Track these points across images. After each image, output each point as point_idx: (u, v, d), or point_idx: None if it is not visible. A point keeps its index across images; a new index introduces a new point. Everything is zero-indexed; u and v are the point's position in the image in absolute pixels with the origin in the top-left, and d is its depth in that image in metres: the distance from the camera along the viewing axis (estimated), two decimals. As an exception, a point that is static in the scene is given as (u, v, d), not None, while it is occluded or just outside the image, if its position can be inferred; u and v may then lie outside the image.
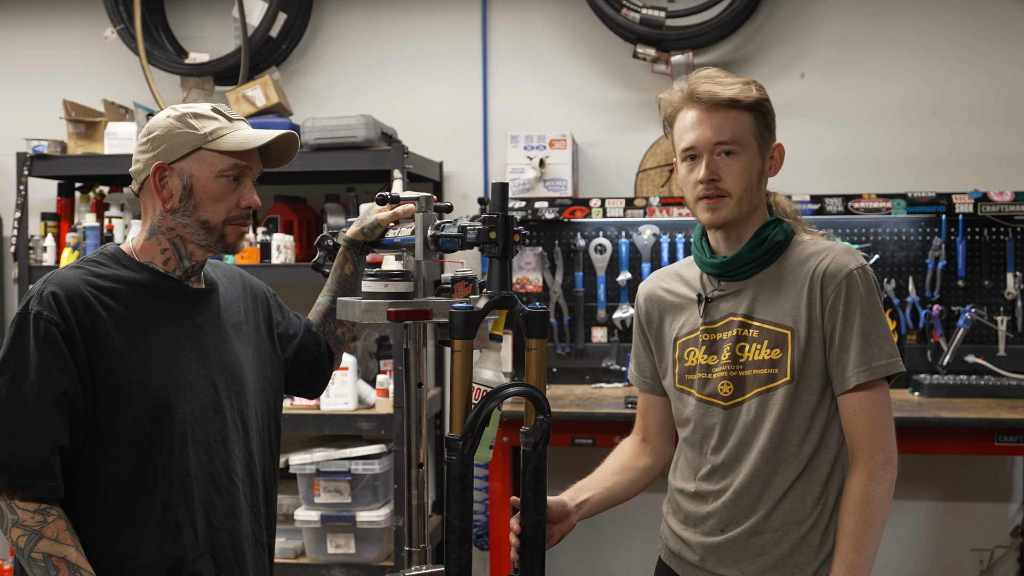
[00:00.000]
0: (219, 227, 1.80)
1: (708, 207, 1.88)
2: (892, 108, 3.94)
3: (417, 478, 1.79)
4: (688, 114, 1.90)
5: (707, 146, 1.87)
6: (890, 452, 1.86)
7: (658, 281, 2.09)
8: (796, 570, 1.87)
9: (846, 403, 1.86)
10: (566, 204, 3.82)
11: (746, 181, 1.88)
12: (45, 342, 1.66)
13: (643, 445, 2.14)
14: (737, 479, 1.90)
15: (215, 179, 1.79)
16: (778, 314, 1.89)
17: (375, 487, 3.60)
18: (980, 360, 3.70)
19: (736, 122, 1.87)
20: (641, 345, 2.11)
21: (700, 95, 1.87)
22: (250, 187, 1.84)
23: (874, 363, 1.85)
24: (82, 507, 1.70)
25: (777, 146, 1.94)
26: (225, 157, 1.78)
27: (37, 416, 1.64)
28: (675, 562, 2.03)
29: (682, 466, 2.03)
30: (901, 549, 3.93)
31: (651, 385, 2.10)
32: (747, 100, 1.87)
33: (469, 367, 1.57)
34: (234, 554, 1.80)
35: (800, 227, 1.97)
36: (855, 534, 1.81)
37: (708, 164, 1.86)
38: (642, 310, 2.09)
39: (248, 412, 1.87)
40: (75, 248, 3.81)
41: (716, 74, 1.91)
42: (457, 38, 4.18)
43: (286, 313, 2.08)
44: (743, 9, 3.86)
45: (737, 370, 1.90)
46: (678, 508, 2.02)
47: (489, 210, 1.57)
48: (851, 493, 1.84)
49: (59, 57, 4.39)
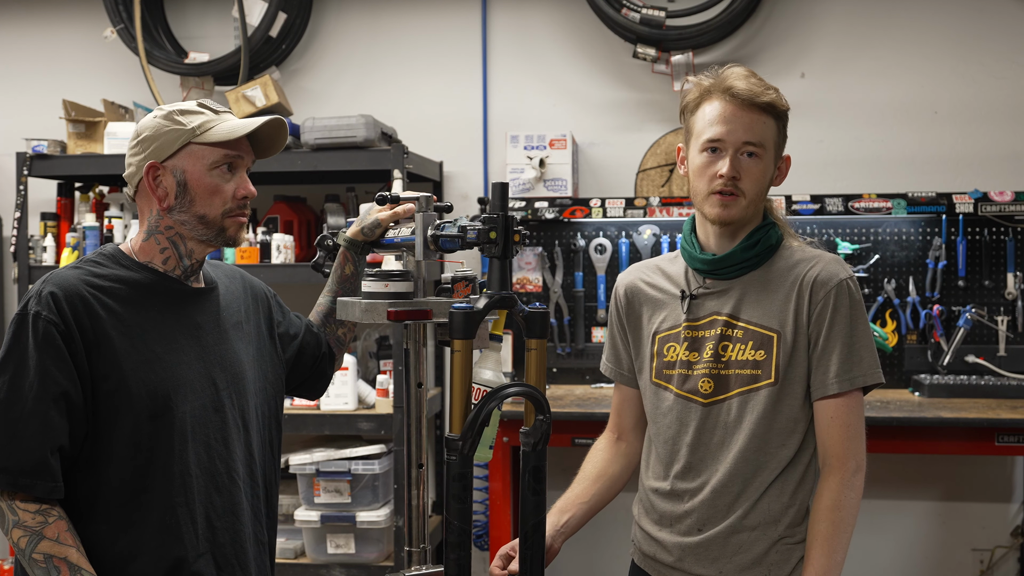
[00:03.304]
0: (218, 220, 1.80)
1: (721, 202, 1.88)
2: (892, 108, 3.93)
3: (417, 478, 1.78)
4: (718, 105, 1.88)
5: (736, 143, 1.87)
6: (861, 460, 1.88)
7: (639, 274, 2.08)
8: (773, 568, 1.89)
9: (822, 409, 1.88)
10: (566, 204, 3.82)
11: (761, 185, 1.90)
12: (44, 342, 1.65)
13: (618, 445, 2.13)
14: (715, 477, 1.91)
15: (208, 172, 1.78)
16: (764, 316, 1.90)
17: (375, 487, 3.60)
18: (980, 360, 3.70)
19: (765, 126, 1.88)
20: (618, 337, 2.10)
21: (739, 92, 1.87)
22: (244, 177, 1.82)
23: (854, 373, 1.87)
24: (82, 507, 1.70)
25: (786, 158, 1.96)
26: (216, 149, 1.78)
27: (36, 416, 1.63)
28: (650, 565, 2.02)
29: (654, 464, 2.02)
30: (901, 549, 3.93)
31: (627, 378, 2.10)
32: (780, 108, 1.89)
33: (469, 367, 1.57)
34: (235, 553, 1.80)
35: (787, 232, 2.00)
36: (826, 539, 1.83)
37: (733, 161, 1.86)
38: (621, 302, 2.08)
39: (249, 411, 1.87)
40: (75, 248, 3.81)
41: (751, 74, 1.91)
42: (457, 38, 4.17)
43: (287, 313, 2.07)
44: (743, 9, 3.87)
45: (719, 368, 1.91)
46: (652, 508, 2.01)
47: (489, 210, 1.57)
48: (823, 499, 1.85)
49: (59, 57, 4.39)
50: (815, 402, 1.88)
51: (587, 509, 2.07)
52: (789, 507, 1.89)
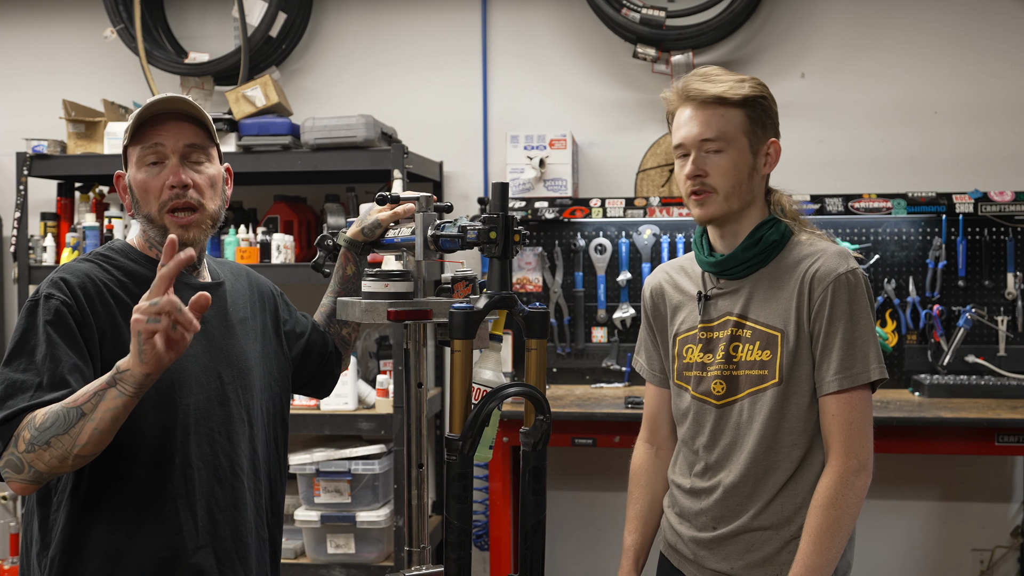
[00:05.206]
0: (158, 219, 1.78)
1: (696, 202, 1.91)
2: (892, 108, 3.93)
3: (417, 478, 1.78)
4: (682, 111, 1.92)
5: (694, 142, 1.89)
6: (865, 459, 1.85)
7: (664, 275, 2.10)
8: (784, 568, 1.88)
9: (825, 406, 1.87)
10: (566, 204, 3.82)
11: (733, 177, 1.89)
12: (57, 320, 1.65)
13: (658, 456, 2.13)
14: (728, 478, 1.91)
15: (139, 171, 1.78)
16: (770, 315, 1.90)
17: (375, 487, 3.60)
18: (980, 360, 3.70)
19: (724, 119, 1.88)
20: (649, 339, 2.12)
21: (690, 92, 1.90)
22: (175, 166, 1.77)
23: (855, 369, 1.85)
24: (82, 495, 1.70)
25: (772, 142, 1.94)
26: (135, 147, 1.79)
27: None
28: (672, 555, 2.06)
29: (680, 462, 2.05)
30: (901, 549, 3.93)
31: (660, 379, 2.11)
32: (735, 97, 1.87)
33: (469, 367, 1.57)
34: (236, 548, 1.80)
35: (799, 226, 1.97)
36: (819, 536, 1.82)
37: (694, 160, 1.89)
38: (648, 304, 2.10)
39: (254, 407, 1.87)
40: (75, 248, 3.81)
41: (710, 72, 1.93)
42: (457, 38, 4.17)
43: (293, 312, 2.08)
44: (743, 9, 3.87)
45: (730, 370, 1.91)
46: (675, 502, 2.04)
47: (489, 210, 1.57)
48: (820, 495, 1.85)
49: (59, 57, 4.39)
50: (819, 399, 1.88)
51: (650, 538, 2.14)
52: (802, 507, 1.88)
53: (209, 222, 1.81)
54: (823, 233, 2.00)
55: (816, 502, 1.84)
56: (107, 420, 1.54)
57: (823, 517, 1.83)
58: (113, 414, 1.53)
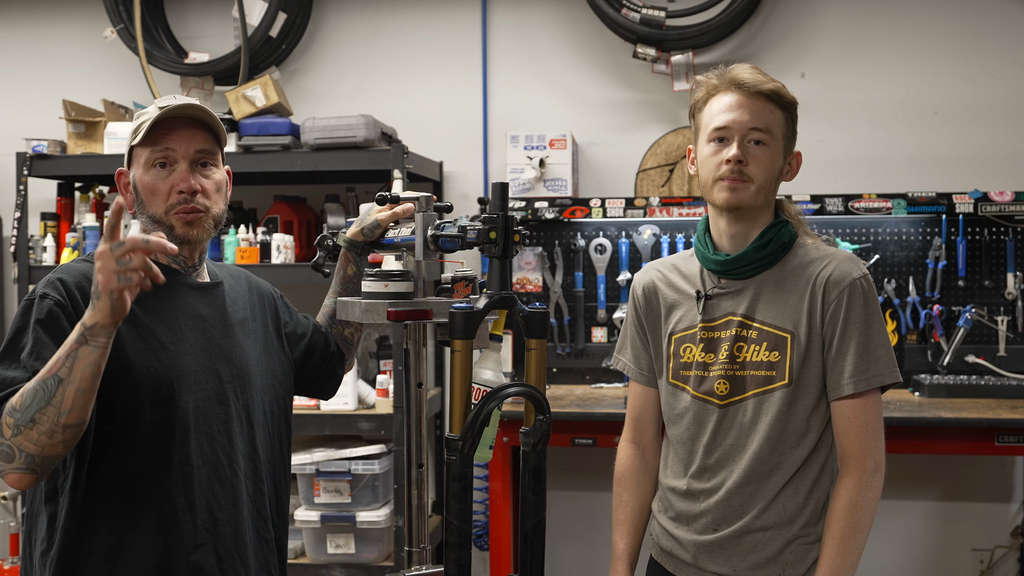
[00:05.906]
0: (164, 219, 1.79)
1: (729, 186, 1.88)
2: (892, 108, 3.93)
3: (417, 478, 1.78)
4: (725, 97, 1.92)
5: (742, 129, 1.89)
6: (879, 460, 1.88)
7: (656, 273, 2.08)
8: (787, 567, 1.89)
9: (839, 409, 1.88)
10: (566, 204, 3.82)
11: (769, 173, 1.90)
12: (48, 319, 1.66)
13: (644, 457, 2.12)
14: (730, 478, 1.91)
15: (147, 172, 1.79)
16: (779, 317, 1.89)
17: (375, 487, 3.60)
18: (980, 360, 3.70)
19: (772, 115, 1.91)
20: (638, 337, 2.09)
21: (744, 81, 1.90)
22: (184, 171, 1.79)
23: (870, 372, 1.87)
24: (80, 493, 1.70)
25: (796, 154, 1.99)
26: (144, 148, 1.79)
27: None
28: (667, 560, 2.04)
29: (672, 463, 2.02)
30: (901, 549, 3.93)
31: (647, 378, 2.09)
32: (786, 98, 1.93)
33: (469, 367, 1.57)
34: (236, 546, 1.80)
35: (802, 230, 1.99)
36: (842, 539, 1.83)
37: (740, 146, 1.88)
38: (640, 301, 2.07)
39: (254, 407, 1.86)
40: (75, 248, 3.81)
41: (757, 69, 1.95)
42: (457, 38, 4.18)
43: (294, 313, 2.08)
44: (743, 9, 3.87)
45: (734, 370, 1.91)
46: (669, 506, 2.02)
47: (489, 210, 1.57)
48: (840, 499, 1.86)
49: (59, 57, 4.39)
50: (832, 402, 1.88)
51: (640, 544, 2.15)
52: (804, 507, 1.89)
53: (212, 223, 1.84)
54: (823, 237, 2.01)
55: (837, 505, 1.85)
56: (87, 378, 1.54)
57: (845, 520, 1.84)
58: (92, 370, 1.55)
